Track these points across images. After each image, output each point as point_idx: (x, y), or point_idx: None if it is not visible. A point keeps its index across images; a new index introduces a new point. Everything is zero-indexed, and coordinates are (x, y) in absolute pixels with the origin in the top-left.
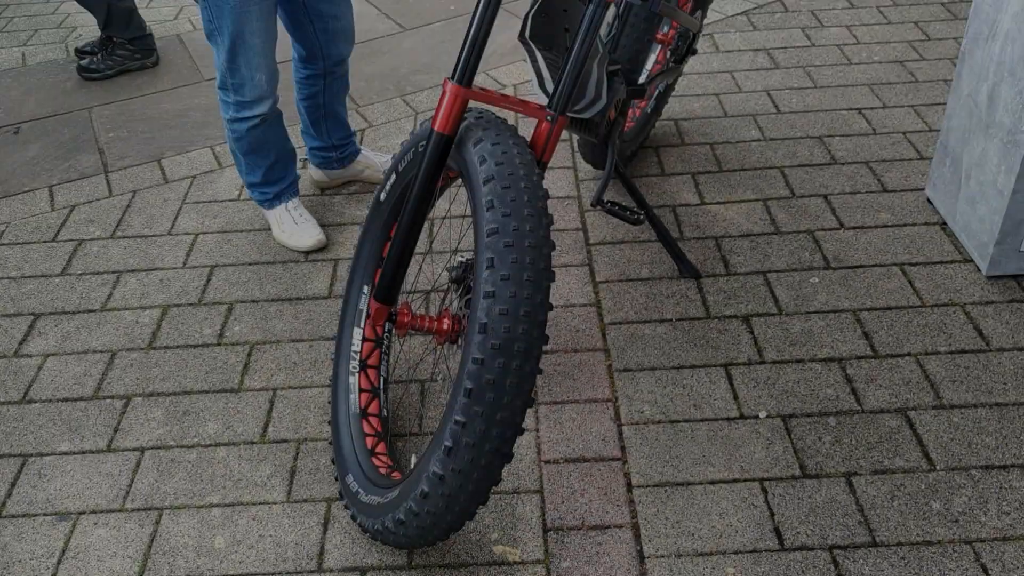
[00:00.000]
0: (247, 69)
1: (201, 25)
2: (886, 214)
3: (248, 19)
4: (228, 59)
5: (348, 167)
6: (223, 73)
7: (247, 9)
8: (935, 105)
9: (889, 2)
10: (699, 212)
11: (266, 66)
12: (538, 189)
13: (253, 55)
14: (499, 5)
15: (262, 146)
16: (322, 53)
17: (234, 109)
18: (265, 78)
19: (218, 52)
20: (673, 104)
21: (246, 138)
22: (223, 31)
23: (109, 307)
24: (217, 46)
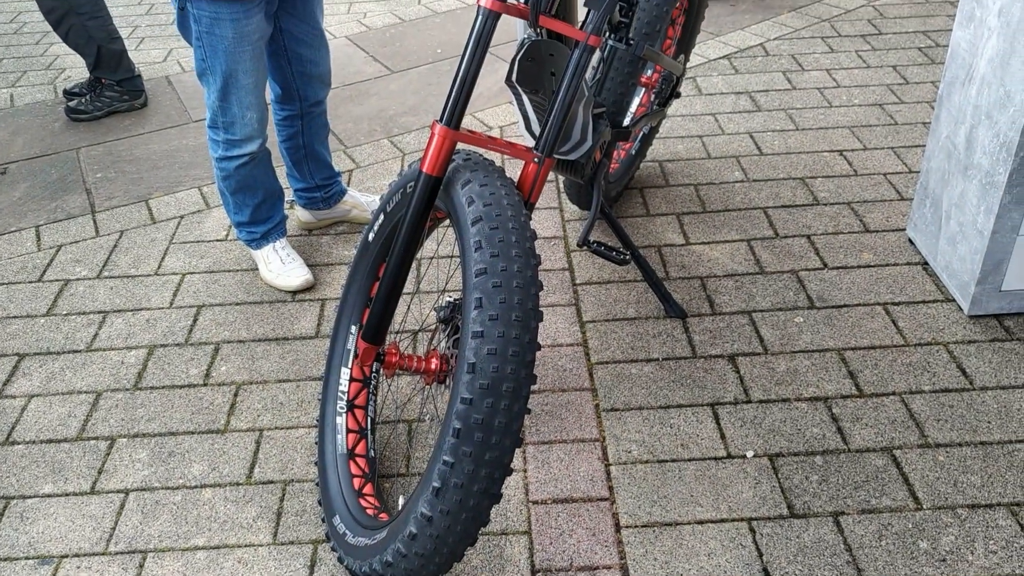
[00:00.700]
0: (238, 108)
1: (190, 67)
2: (869, 254)
3: (241, 59)
4: (220, 98)
5: (334, 207)
6: (214, 112)
7: (240, 49)
8: (914, 147)
9: (867, 47)
10: (684, 252)
11: (256, 105)
12: (525, 230)
13: (244, 94)
14: (487, 50)
15: (250, 185)
16: (299, 94)
17: (223, 148)
18: (256, 117)
19: (209, 91)
20: (657, 146)
21: (234, 177)
22: (216, 70)
23: (95, 347)
24: (209, 85)
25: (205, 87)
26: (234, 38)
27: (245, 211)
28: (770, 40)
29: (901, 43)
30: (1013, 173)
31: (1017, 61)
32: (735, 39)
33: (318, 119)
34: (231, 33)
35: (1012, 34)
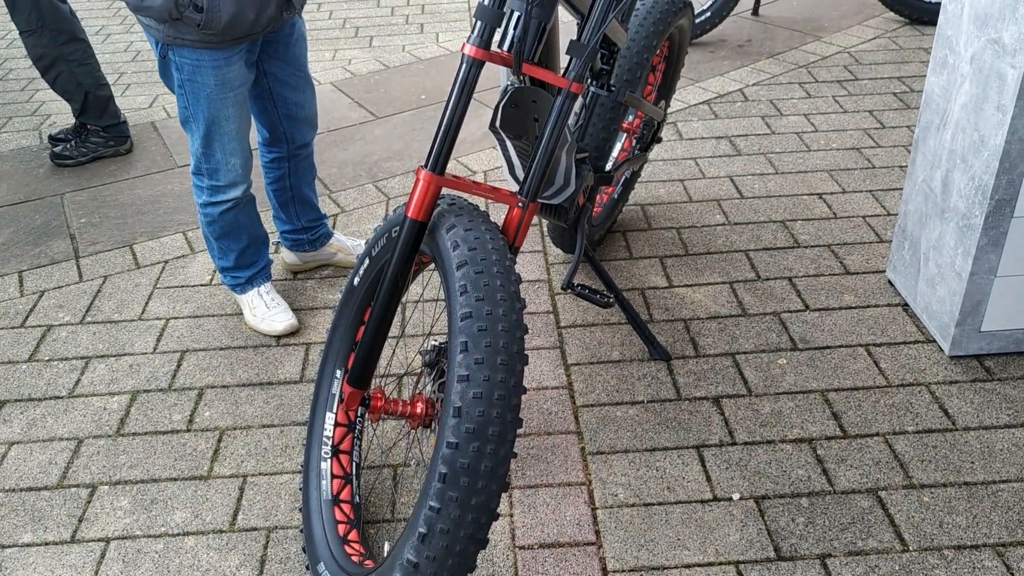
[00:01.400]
0: (222, 154)
1: (176, 113)
2: (850, 296)
3: (223, 105)
4: (203, 144)
5: (320, 250)
6: (198, 158)
7: (222, 96)
8: (892, 190)
9: (844, 92)
10: (667, 295)
11: (240, 151)
12: (510, 274)
13: (228, 140)
14: (471, 96)
15: (234, 230)
16: (285, 136)
17: (207, 194)
18: (239, 163)
19: (193, 138)
20: (639, 190)
21: (218, 222)
22: (198, 118)
23: (76, 393)
24: (192, 132)
25: (188, 134)
26: (216, 85)
27: (230, 256)
28: (749, 86)
29: (877, 88)
30: (989, 216)
31: (990, 106)
32: (715, 85)
33: (305, 161)
34: (213, 80)
35: (984, 80)
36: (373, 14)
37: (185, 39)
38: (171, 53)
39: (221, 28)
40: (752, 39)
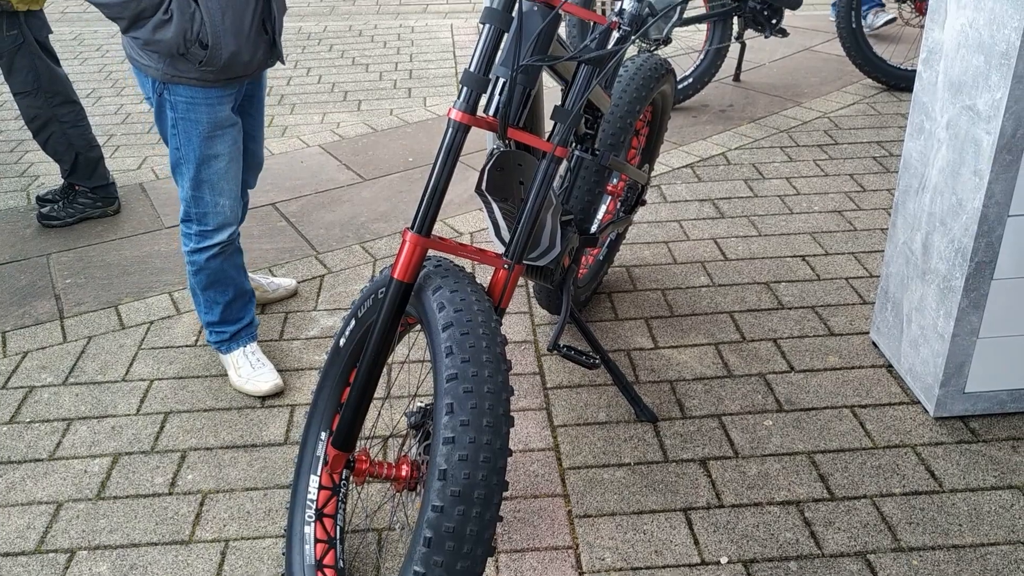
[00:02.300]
0: (210, 196)
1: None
2: (834, 357)
3: (214, 144)
4: (192, 187)
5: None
6: (187, 203)
7: (214, 135)
8: (874, 252)
9: (824, 156)
10: (653, 356)
11: (230, 191)
12: (496, 335)
13: (217, 180)
14: (457, 160)
15: (220, 280)
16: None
17: (195, 240)
18: (228, 204)
19: (182, 182)
20: (624, 251)
21: (205, 270)
22: (189, 158)
23: (57, 456)
24: (182, 176)
25: (179, 179)
26: (208, 123)
27: (216, 309)
28: (731, 150)
29: (856, 153)
30: (969, 278)
31: (967, 171)
32: (698, 148)
33: (245, 207)
34: (206, 118)
35: (960, 145)
36: (361, 79)
37: (183, 76)
38: (167, 92)
39: (221, 65)
40: (734, 104)
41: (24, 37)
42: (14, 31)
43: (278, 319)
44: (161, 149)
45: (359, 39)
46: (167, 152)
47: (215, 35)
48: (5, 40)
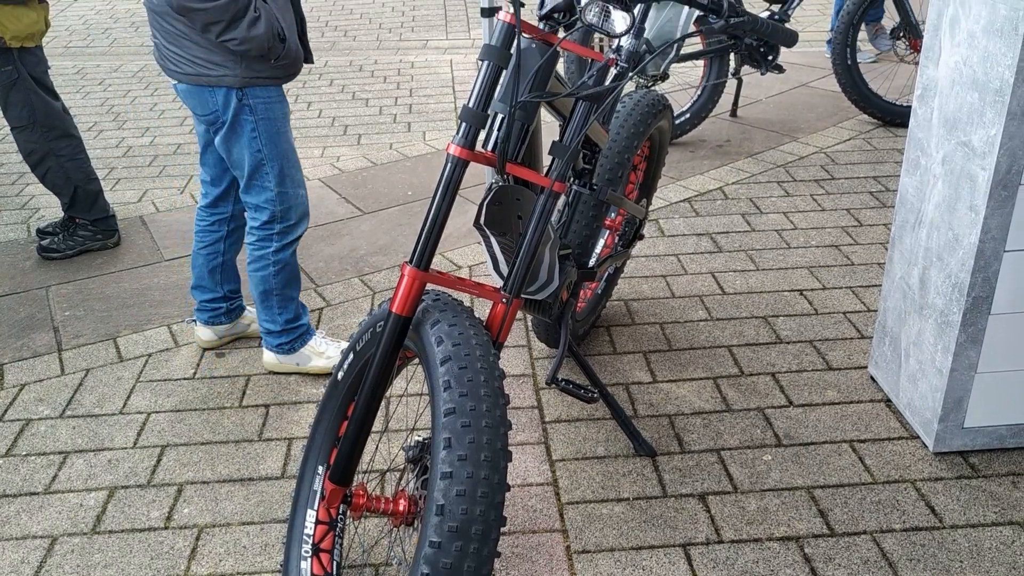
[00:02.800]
0: (293, 188)
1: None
2: (832, 392)
3: (289, 137)
4: (278, 183)
5: (236, 321)
6: (272, 203)
7: (287, 127)
8: (871, 286)
9: (821, 191)
10: (652, 390)
11: (303, 182)
12: (494, 369)
13: (296, 171)
14: (456, 194)
15: (295, 274)
16: (236, 195)
17: (278, 239)
18: (304, 193)
19: (266, 184)
20: (623, 285)
21: (288, 267)
22: (273, 156)
23: (53, 490)
24: (264, 177)
25: (260, 183)
26: (282, 117)
27: (291, 307)
28: (729, 184)
29: (853, 187)
30: (967, 313)
31: (963, 206)
32: (695, 183)
33: (241, 230)
34: (280, 113)
35: (956, 181)
36: (361, 113)
37: (259, 77)
38: (245, 97)
39: (292, 59)
40: (731, 139)
41: (19, 73)
42: (8, 67)
43: None
44: (162, 182)
45: (359, 74)
46: (167, 185)
47: (287, 30)
48: (0, 76)
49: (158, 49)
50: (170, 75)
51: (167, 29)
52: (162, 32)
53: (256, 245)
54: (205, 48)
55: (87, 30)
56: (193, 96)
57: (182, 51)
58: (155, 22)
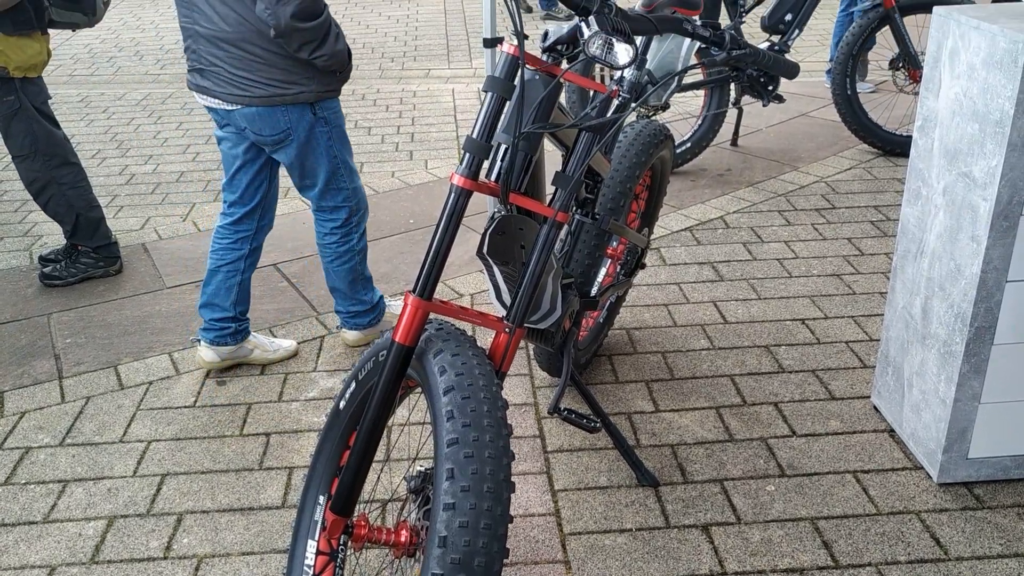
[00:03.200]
0: (358, 181)
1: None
2: (836, 421)
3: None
4: (351, 180)
5: (240, 344)
6: (349, 200)
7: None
8: (873, 316)
9: (822, 220)
10: (654, 419)
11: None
12: (497, 399)
13: (354, 166)
14: (459, 224)
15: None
16: (262, 210)
17: (357, 228)
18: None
19: (344, 184)
20: (625, 314)
21: (366, 250)
22: (346, 159)
23: (52, 519)
24: (342, 179)
25: (339, 185)
26: (343, 123)
27: (371, 285)
28: (730, 213)
29: (854, 217)
30: (970, 343)
31: (964, 236)
32: (696, 212)
33: (260, 248)
34: (343, 120)
35: (957, 211)
36: (364, 141)
37: (328, 90)
38: (320, 110)
39: (350, 70)
40: (732, 168)
41: (20, 103)
42: (10, 97)
43: (277, 380)
44: (164, 210)
45: (362, 103)
46: (170, 213)
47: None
48: (1, 106)
49: (218, 77)
50: (233, 101)
51: (239, 56)
52: (231, 60)
53: (340, 243)
54: (282, 69)
55: (92, 59)
56: (261, 118)
57: (254, 75)
58: (220, 52)
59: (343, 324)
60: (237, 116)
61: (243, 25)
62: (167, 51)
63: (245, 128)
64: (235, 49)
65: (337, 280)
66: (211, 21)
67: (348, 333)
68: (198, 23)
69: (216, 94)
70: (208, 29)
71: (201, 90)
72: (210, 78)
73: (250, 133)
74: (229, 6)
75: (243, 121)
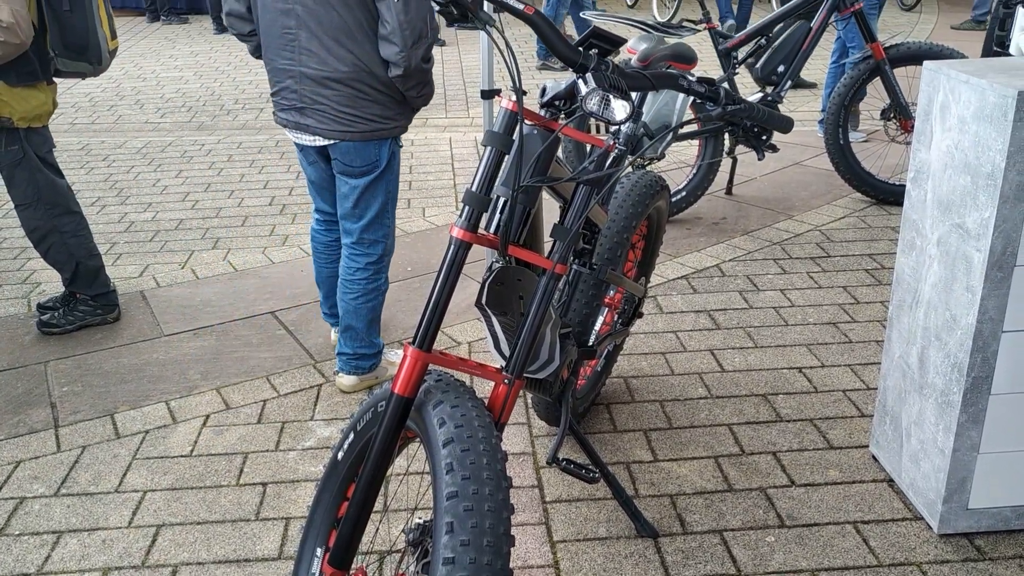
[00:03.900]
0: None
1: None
2: (835, 471)
3: None
4: (392, 218)
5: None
6: (387, 238)
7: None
8: (870, 364)
9: (818, 268)
10: (653, 469)
11: None
12: (496, 452)
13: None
14: (458, 276)
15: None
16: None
17: (386, 269)
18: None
19: (385, 220)
20: (622, 362)
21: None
22: (396, 192)
23: (46, 570)
24: (387, 214)
25: (379, 221)
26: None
27: (378, 328)
28: (725, 261)
29: (849, 265)
30: (967, 393)
31: (959, 287)
32: (692, 260)
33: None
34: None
35: (952, 262)
36: None
37: (407, 124)
38: (395, 143)
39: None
40: (727, 217)
41: (24, 152)
42: (14, 146)
43: (274, 429)
44: (163, 257)
45: None
46: (168, 260)
47: None
48: (5, 155)
49: (322, 114)
50: (333, 136)
51: (348, 94)
52: (338, 98)
53: (371, 279)
54: (382, 105)
55: (93, 107)
56: (358, 151)
57: (359, 111)
58: (328, 91)
59: (343, 367)
60: (330, 149)
61: (357, 65)
62: (167, 100)
63: (336, 159)
64: (345, 88)
65: (357, 319)
66: (323, 63)
67: (345, 378)
68: (306, 65)
69: (316, 130)
70: (317, 71)
71: (299, 127)
72: (312, 116)
73: (338, 164)
74: (346, 48)
75: (336, 153)
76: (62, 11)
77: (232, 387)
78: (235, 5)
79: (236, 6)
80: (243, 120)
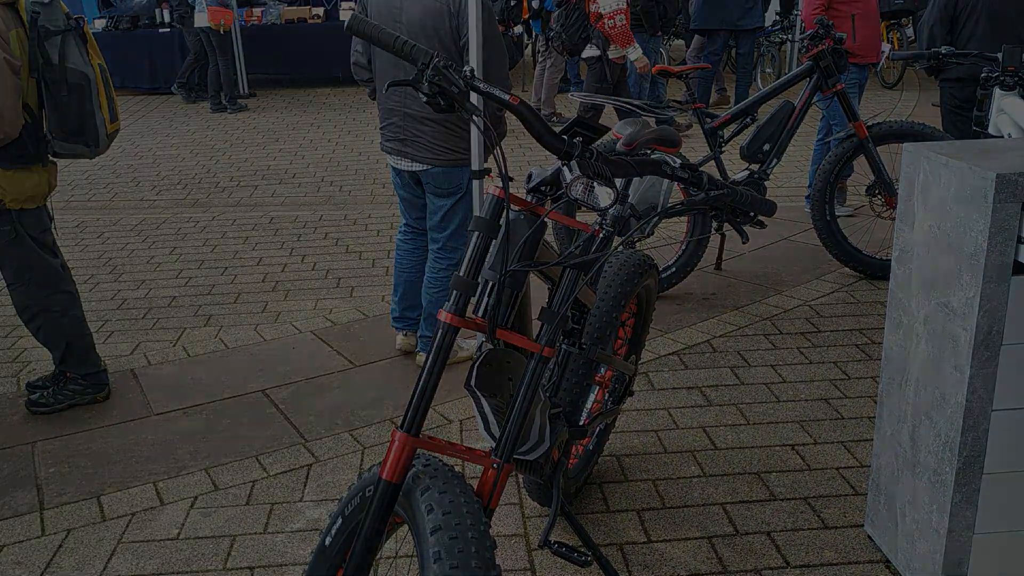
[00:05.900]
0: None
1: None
2: (830, 552)
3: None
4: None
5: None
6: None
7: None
8: (863, 441)
9: (808, 343)
10: (646, 550)
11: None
12: (485, 539)
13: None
14: (447, 360)
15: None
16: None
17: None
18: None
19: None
20: (614, 439)
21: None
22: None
23: None
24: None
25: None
26: None
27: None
28: (716, 337)
29: (839, 340)
30: (959, 472)
31: (947, 365)
32: (683, 336)
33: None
34: None
35: (939, 340)
36: (355, 265)
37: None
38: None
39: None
40: (716, 292)
41: (16, 232)
42: (6, 227)
43: (263, 510)
44: (155, 335)
45: (354, 227)
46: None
47: None
48: None
49: (419, 144)
50: (427, 162)
51: (440, 130)
52: (433, 133)
53: (448, 270)
54: (457, 137)
55: (89, 184)
56: (445, 175)
57: (446, 143)
58: (425, 128)
59: (424, 348)
60: (422, 173)
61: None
62: (163, 177)
63: (427, 183)
64: (438, 125)
65: (435, 304)
66: (423, 106)
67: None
68: (410, 107)
69: (415, 157)
70: (419, 111)
71: (400, 154)
72: (411, 146)
73: (430, 186)
74: None
75: (427, 178)
76: (60, 96)
77: (221, 467)
78: (359, 58)
79: (360, 58)
80: (238, 197)
